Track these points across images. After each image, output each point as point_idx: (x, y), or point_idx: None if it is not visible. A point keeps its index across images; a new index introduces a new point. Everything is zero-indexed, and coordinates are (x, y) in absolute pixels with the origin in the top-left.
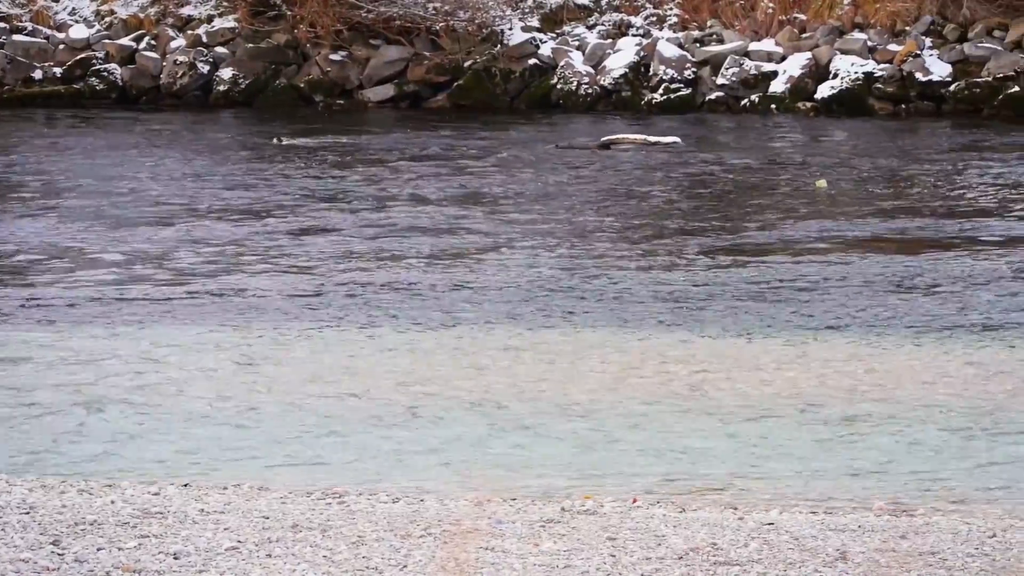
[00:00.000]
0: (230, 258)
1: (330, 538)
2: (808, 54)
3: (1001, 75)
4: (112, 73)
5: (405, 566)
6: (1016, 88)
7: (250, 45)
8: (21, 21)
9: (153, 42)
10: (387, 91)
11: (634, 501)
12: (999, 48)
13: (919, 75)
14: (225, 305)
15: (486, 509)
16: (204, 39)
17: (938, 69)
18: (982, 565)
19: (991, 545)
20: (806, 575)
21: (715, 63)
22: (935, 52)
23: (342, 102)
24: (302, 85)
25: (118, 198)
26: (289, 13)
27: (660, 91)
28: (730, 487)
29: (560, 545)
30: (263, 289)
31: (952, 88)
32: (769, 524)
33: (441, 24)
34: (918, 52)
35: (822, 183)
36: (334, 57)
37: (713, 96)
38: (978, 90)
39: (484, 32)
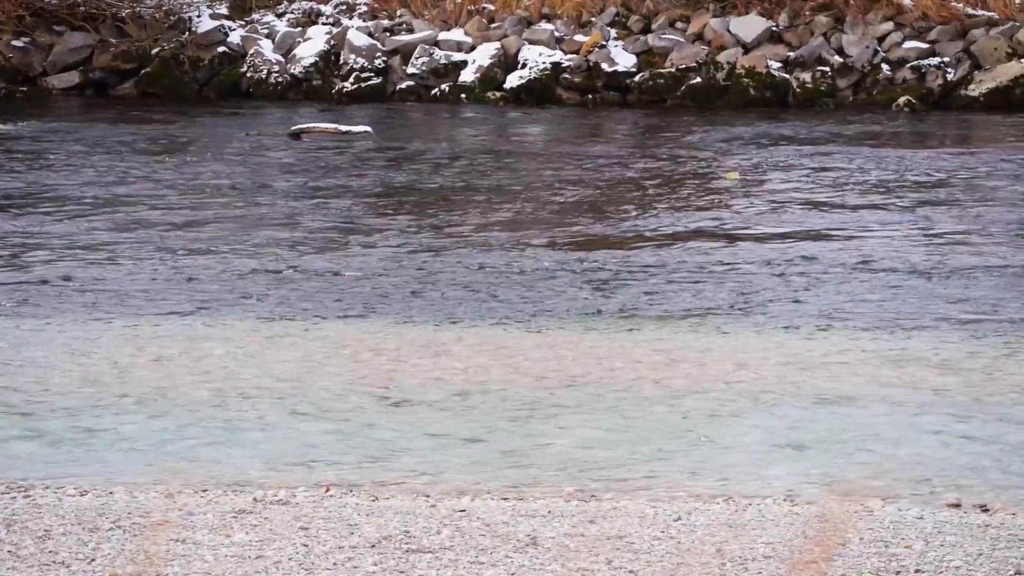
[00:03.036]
0: None
1: (15, 532)
2: (497, 44)
3: (683, 66)
4: None
5: (93, 559)
6: (698, 79)
7: None
8: None
9: None
10: (72, 78)
11: (327, 490)
12: (681, 40)
13: (605, 65)
14: None
15: (177, 501)
16: None
17: (623, 60)
18: (668, 548)
19: (676, 528)
20: (497, 561)
21: (405, 53)
22: (620, 43)
23: (25, 89)
24: None
25: None
26: None
27: (351, 80)
28: (422, 475)
29: (252, 536)
30: None
31: (637, 79)
32: (461, 511)
33: (127, 11)
34: (604, 43)
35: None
36: (16, 43)
37: (404, 85)
38: (662, 81)
39: (171, 19)
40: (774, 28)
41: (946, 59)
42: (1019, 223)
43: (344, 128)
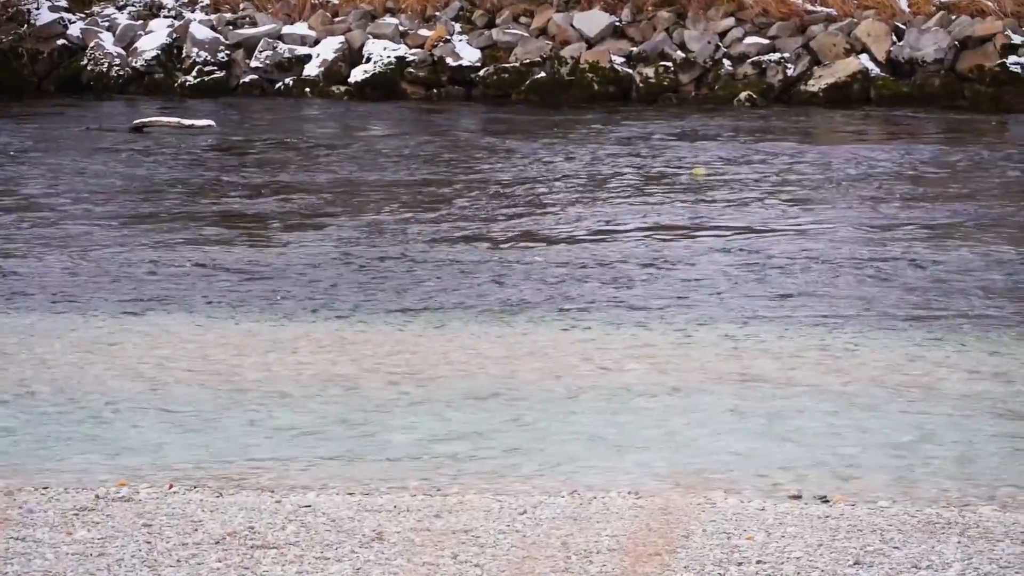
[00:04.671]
0: None
1: None
2: (341, 38)
3: (528, 61)
4: None
5: None
6: (542, 74)
7: None
8: None
9: None
10: None
11: (170, 487)
12: (525, 34)
13: (450, 60)
14: None
15: (17, 499)
16: None
17: (468, 54)
18: (513, 541)
19: (522, 522)
20: (343, 556)
21: (249, 46)
22: (465, 37)
23: None
24: None
25: None
26: None
27: (194, 74)
28: (268, 471)
29: (94, 533)
30: None
31: (481, 73)
32: (306, 507)
33: None
34: (448, 37)
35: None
36: None
37: (247, 79)
38: (506, 75)
39: (9, 11)
40: (617, 23)
41: (786, 55)
42: (868, 218)
43: (187, 122)
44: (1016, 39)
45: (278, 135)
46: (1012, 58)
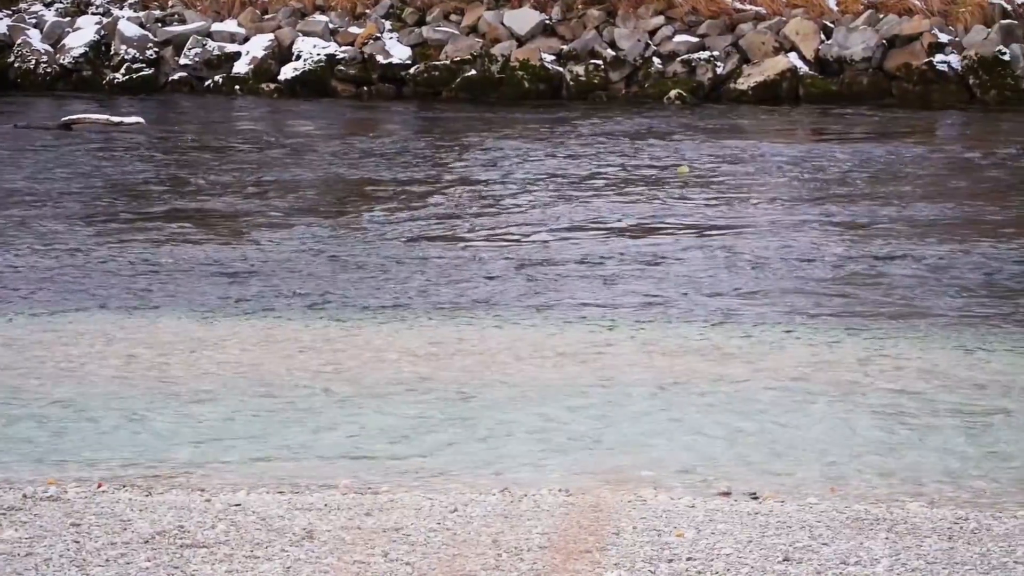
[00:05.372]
0: None
1: None
2: (271, 35)
3: (458, 58)
4: None
5: None
6: (472, 71)
7: None
8: None
9: None
10: None
11: (99, 486)
12: (456, 32)
13: (380, 58)
14: None
15: None
16: None
17: (398, 52)
18: (444, 539)
19: (453, 519)
20: (273, 555)
21: (178, 43)
22: (395, 35)
23: None
24: None
25: None
26: None
27: (122, 71)
28: (197, 469)
29: (22, 533)
30: None
31: (412, 71)
32: (236, 505)
33: None
34: (379, 35)
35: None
36: None
37: (177, 77)
38: (437, 73)
39: None
40: (547, 21)
41: (715, 53)
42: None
43: (116, 119)
44: (943, 38)
45: (209, 133)
46: (939, 56)
